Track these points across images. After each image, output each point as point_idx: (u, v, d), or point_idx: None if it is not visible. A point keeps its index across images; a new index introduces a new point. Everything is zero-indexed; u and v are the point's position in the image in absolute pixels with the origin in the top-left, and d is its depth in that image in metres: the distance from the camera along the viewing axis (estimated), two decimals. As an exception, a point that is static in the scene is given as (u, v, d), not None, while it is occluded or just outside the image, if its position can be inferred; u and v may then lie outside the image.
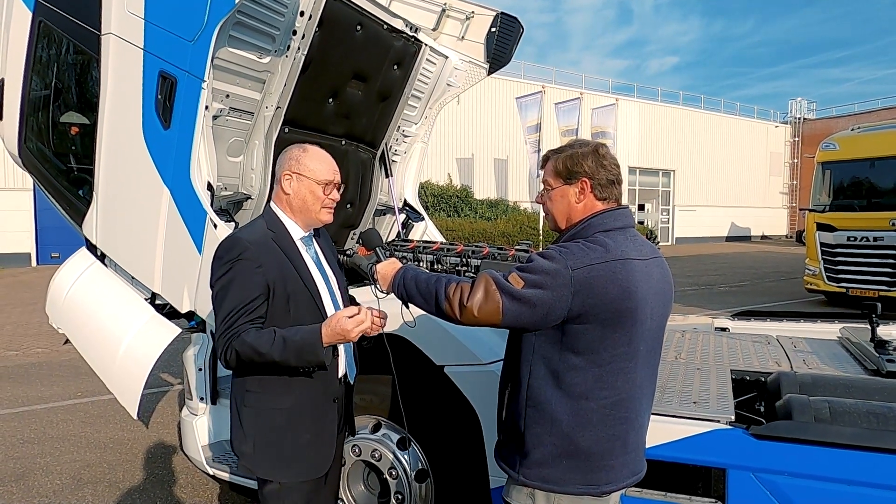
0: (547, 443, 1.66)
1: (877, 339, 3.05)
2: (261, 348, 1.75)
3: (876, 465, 1.95)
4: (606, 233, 1.66)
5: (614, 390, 1.63)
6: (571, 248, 1.63)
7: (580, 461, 1.65)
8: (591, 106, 21.46)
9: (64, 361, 6.75)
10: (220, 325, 1.81)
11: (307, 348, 1.74)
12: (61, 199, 3.42)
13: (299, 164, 1.94)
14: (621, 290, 1.58)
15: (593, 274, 1.56)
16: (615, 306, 1.57)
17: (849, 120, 27.09)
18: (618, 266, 1.59)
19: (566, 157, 1.75)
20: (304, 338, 1.75)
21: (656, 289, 1.68)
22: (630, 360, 1.64)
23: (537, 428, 1.67)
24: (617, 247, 1.63)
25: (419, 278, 1.77)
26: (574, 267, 1.57)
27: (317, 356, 1.75)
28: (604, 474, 1.66)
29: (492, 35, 4.14)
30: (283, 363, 1.77)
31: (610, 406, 1.63)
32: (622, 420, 1.66)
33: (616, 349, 1.61)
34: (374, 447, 2.80)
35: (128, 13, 2.83)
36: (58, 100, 3.36)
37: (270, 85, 3.33)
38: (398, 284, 1.82)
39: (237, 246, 1.84)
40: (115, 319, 3.18)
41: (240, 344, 1.76)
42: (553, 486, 1.67)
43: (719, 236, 31.51)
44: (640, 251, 1.67)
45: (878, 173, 10.36)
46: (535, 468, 1.68)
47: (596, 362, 1.61)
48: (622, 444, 1.68)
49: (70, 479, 3.88)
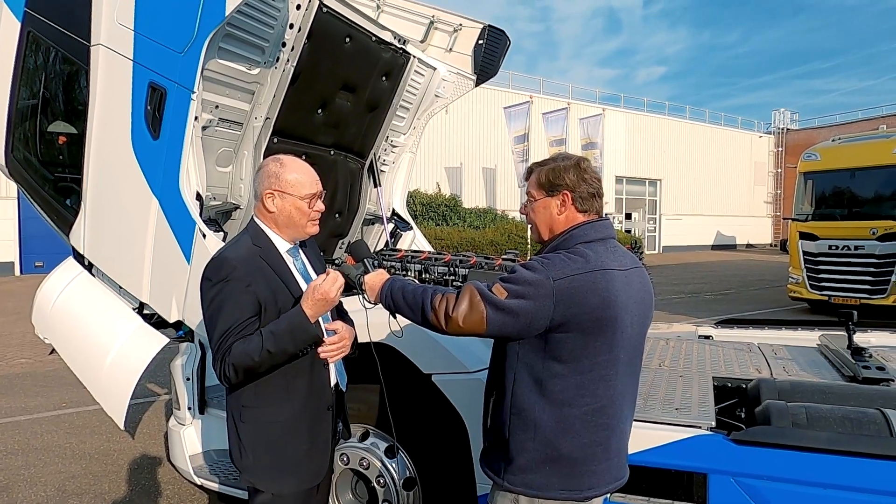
0: (530, 449, 1.69)
1: (853, 346, 3.12)
2: (253, 353, 1.77)
3: (850, 469, 2.01)
4: (587, 244, 1.72)
5: (595, 397, 1.67)
6: (553, 259, 1.68)
7: (563, 467, 1.69)
8: (578, 116, 21.68)
9: (49, 372, 6.68)
10: (215, 347, 1.82)
11: (297, 330, 1.80)
12: (48, 208, 3.42)
13: (280, 181, 1.92)
14: (601, 300, 1.63)
15: (574, 284, 1.61)
16: (595, 315, 1.62)
17: (830, 130, 27.58)
18: (598, 276, 1.64)
19: (549, 169, 1.80)
20: (290, 321, 1.81)
21: (636, 298, 1.73)
22: (611, 367, 1.68)
23: (521, 434, 1.71)
24: (597, 257, 1.68)
25: (406, 289, 1.81)
26: (556, 277, 1.61)
27: (308, 332, 1.80)
28: (586, 479, 1.70)
29: (479, 47, 4.21)
30: (280, 354, 1.80)
31: (592, 413, 1.68)
32: (604, 426, 1.70)
33: (597, 357, 1.65)
34: (362, 455, 2.81)
35: (118, 25, 2.85)
36: (46, 109, 3.36)
37: (260, 96, 3.36)
38: (385, 295, 1.85)
39: (225, 266, 1.84)
40: (103, 329, 3.17)
41: (233, 357, 1.78)
42: (537, 492, 1.70)
43: (705, 245, 31.84)
44: (621, 262, 1.73)
45: (859, 183, 10.56)
46: (518, 474, 1.72)
47: (578, 370, 1.65)
48: (604, 450, 1.72)
49: (55, 491, 3.84)
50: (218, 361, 1.81)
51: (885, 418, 2.14)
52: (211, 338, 1.84)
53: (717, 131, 33.37)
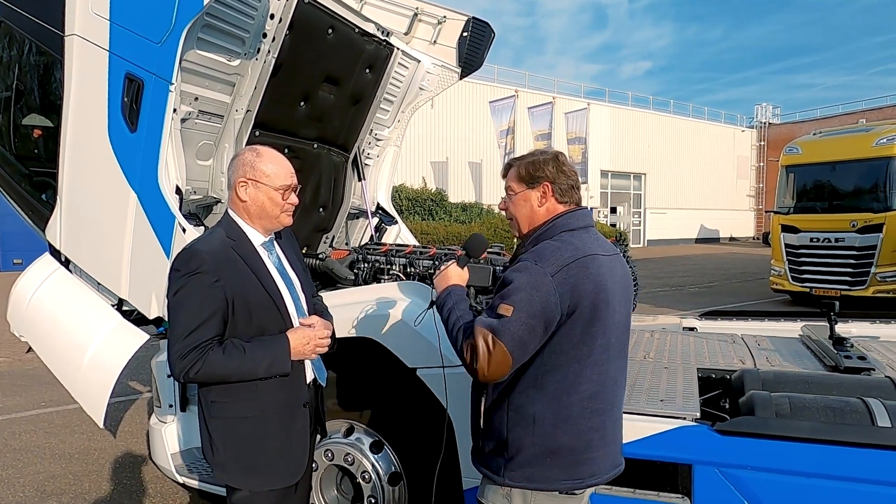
0: (528, 443, 1.69)
1: (835, 336, 3.16)
2: (223, 371, 1.81)
3: (832, 458, 2.02)
4: (571, 232, 1.74)
5: (591, 383, 1.69)
6: (542, 251, 1.68)
7: (562, 457, 1.69)
8: (563, 110, 21.70)
9: (27, 371, 6.55)
10: (173, 341, 1.78)
11: (277, 362, 1.85)
12: (23, 203, 3.33)
13: (254, 170, 1.90)
14: (595, 285, 1.65)
15: (571, 273, 1.63)
16: (591, 300, 1.64)
17: (812, 125, 27.92)
18: (588, 261, 1.67)
19: (528, 163, 1.83)
20: (273, 354, 1.86)
21: (621, 283, 1.76)
22: (605, 351, 1.70)
23: (518, 430, 1.71)
24: (583, 244, 1.71)
25: (452, 314, 1.75)
26: (552, 272, 1.62)
27: (284, 369, 1.87)
28: (586, 467, 1.71)
29: (464, 39, 4.18)
30: (249, 376, 1.84)
31: (587, 398, 1.69)
32: (599, 412, 1.71)
33: (594, 342, 1.67)
34: (346, 451, 2.79)
35: (92, 14, 2.77)
36: (19, 102, 3.28)
37: (240, 88, 3.30)
38: (439, 305, 1.83)
39: (195, 258, 1.80)
40: (81, 326, 3.10)
41: (205, 366, 1.77)
42: (539, 485, 1.70)
43: (689, 238, 32.12)
44: (604, 248, 1.76)
45: (839, 176, 10.69)
46: (519, 470, 1.71)
47: (576, 357, 1.66)
48: (601, 436, 1.73)
49: (34, 492, 3.77)
50: (175, 359, 1.77)
51: (867, 407, 2.16)
52: (171, 328, 1.80)
53: (701, 126, 33.62)
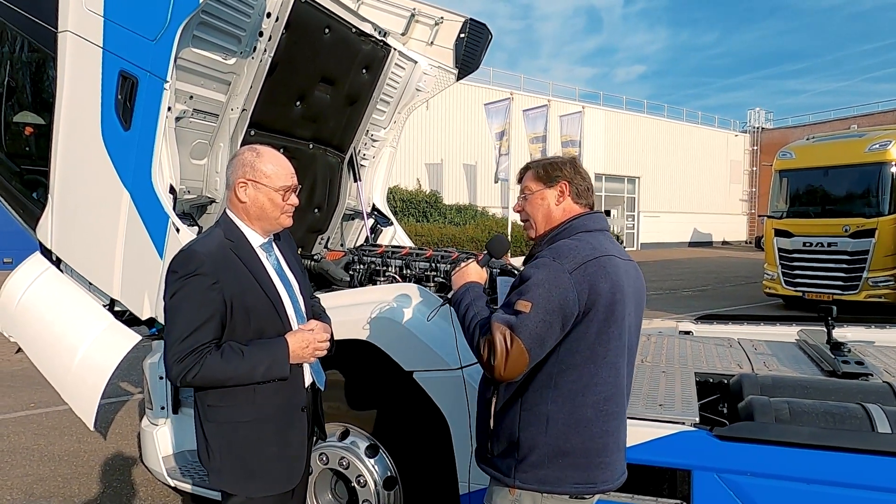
0: (542, 443, 1.66)
1: (832, 341, 3.15)
2: (221, 375, 1.78)
3: (832, 464, 2.01)
4: (589, 233, 1.75)
5: (606, 385, 1.67)
6: (560, 248, 1.68)
7: (577, 458, 1.66)
8: (558, 113, 21.74)
9: (16, 371, 6.47)
10: (170, 344, 1.74)
11: (274, 366, 1.82)
12: (14, 201, 3.29)
13: (254, 171, 1.86)
14: (611, 285, 1.65)
15: (589, 271, 1.63)
16: (608, 299, 1.64)
17: (804, 130, 28.11)
18: (606, 261, 1.67)
19: (546, 163, 1.86)
20: (272, 357, 1.83)
21: (635, 287, 1.76)
22: (620, 354, 1.69)
23: (531, 429, 1.68)
24: (601, 245, 1.71)
25: (469, 311, 1.74)
26: (570, 269, 1.62)
27: (282, 373, 1.84)
28: (599, 472, 1.68)
29: (460, 41, 4.16)
30: (246, 380, 1.81)
31: (603, 401, 1.67)
32: (614, 415, 1.70)
33: (610, 343, 1.66)
34: (341, 455, 2.75)
35: (86, 10, 2.74)
36: (11, 99, 3.23)
37: (236, 87, 3.27)
38: (455, 301, 1.83)
39: (193, 260, 1.77)
40: (71, 327, 3.06)
41: (203, 371, 1.74)
42: (551, 488, 1.67)
43: (682, 242, 32.24)
44: (620, 251, 1.76)
45: (832, 181, 10.76)
46: (531, 471, 1.68)
47: (592, 358, 1.65)
48: (615, 441, 1.71)
49: (22, 494, 3.71)
50: (172, 363, 1.73)
51: (867, 413, 2.15)
52: (168, 331, 1.76)
53: (695, 130, 33.78)
